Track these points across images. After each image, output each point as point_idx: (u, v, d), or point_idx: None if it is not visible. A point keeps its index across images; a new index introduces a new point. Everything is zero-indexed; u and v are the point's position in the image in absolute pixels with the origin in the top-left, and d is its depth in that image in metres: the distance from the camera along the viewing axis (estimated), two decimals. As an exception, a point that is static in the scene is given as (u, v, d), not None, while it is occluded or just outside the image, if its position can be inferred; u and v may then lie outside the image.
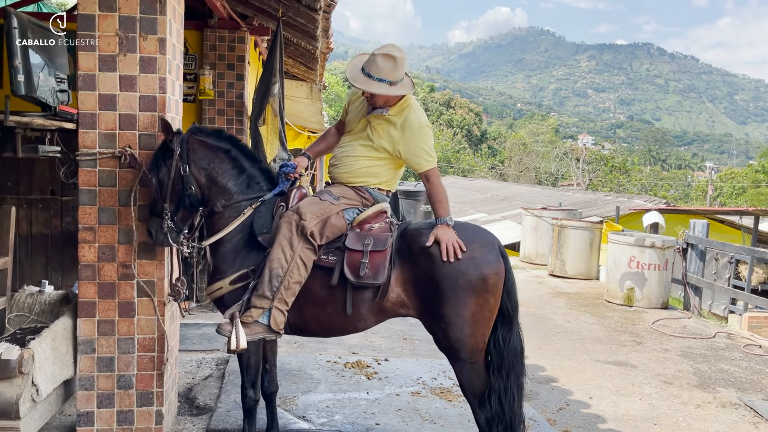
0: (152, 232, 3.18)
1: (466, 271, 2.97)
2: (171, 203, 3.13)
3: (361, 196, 3.26)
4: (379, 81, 3.08)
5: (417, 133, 3.16)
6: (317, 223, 3.04)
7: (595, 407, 4.55)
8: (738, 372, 5.65)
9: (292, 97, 9.12)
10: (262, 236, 3.14)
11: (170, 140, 3.13)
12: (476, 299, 2.98)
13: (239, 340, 2.97)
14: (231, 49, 6.58)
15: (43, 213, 6.22)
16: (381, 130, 3.20)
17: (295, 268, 3.00)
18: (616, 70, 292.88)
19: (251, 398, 3.30)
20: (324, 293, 3.11)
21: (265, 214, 3.19)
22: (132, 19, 3.27)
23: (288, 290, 3.01)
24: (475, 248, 3.02)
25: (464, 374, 3.08)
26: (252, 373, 3.28)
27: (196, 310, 6.29)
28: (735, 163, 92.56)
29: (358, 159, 3.25)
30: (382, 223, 3.20)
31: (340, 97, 42.22)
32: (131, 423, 3.48)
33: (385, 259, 3.03)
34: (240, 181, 3.23)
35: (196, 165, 3.15)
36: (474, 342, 3.03)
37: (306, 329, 3.24)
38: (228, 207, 3.20)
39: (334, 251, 3.11)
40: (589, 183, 44.38)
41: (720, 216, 14.80)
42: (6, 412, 3.02)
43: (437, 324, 3.03)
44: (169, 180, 3.10)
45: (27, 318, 4.05)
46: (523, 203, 18.87)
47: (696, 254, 8.58)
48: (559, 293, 9.10)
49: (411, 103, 3.22)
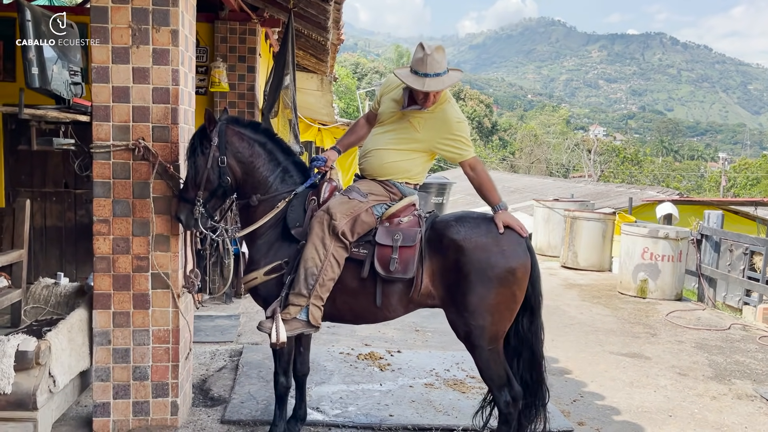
0: (181, 217, 3.25)
1: (495, 264, 3.06)
2: (205, 191, 3.20)
3: (389, 191, 3.31)
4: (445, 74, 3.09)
5: (456, 126, 3.22)
6: (348, 222, 3.12)
7: (609, 399, 4.53)
8: (753, 364, 5.60)
9: (302, 89, 9.10)
10: (295, 230, 3.22)
11: (211, 129, 3.17)
12: (503, 290, 3.07)
13: (279, 335, 3.08)
14: (242, 41, 6.58)
15: (57, 206, 6.27)
16: (418, 124, 3.24)
17: (328, 266, 3.10)
18: (628, 60, 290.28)
19: (283, 385, 3.38)
20: (355, 285, 3.21)
21: (298, 208, 3.27)
22: (145, 10, 3.27)
23: (323, 287, 3.11)
24: (504, 241, 3.10)
25: (483, 360, 3.16)
26: (285, 360, 3.36)
27: (210, 302, 6.31)
28: (749, 153, 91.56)
29: (390, 152, 3.28)
30: (410, 216, 3.26)
31: (350, 89, 42.14)
32: (147, 414, 3.51)
33: (414, 254, 3.12)
34: (275, 175, 3.31)
35: (233, 156, 3.22)
36: (494, 330, 3.12)
37: (339, 317, 3.36)
38: (263, 201, 3.28)
39: (365, 244, 3.20)
40: (601, 174, 44.05)
41: (734, 207, 14.67)
42: (23, 402, 3.05)
43: (460, 313, 3.12)
44: (206, 169, 3.17)
45: (43, 310, 4.09)
46: (534, 195, 18.79)
47: (710, 245, 8.49)
48: (571, 285, 9.06)
49: (448, 98, 3.28)
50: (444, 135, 3.23)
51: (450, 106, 3.25)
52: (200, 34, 6.49)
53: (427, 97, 3.13)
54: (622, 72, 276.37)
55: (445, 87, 3.12)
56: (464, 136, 3.25)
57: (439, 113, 3.22)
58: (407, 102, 3.24)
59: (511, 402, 3.18)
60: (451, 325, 3.23)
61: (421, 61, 3.06)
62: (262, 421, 3.69)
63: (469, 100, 64.86)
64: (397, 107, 3.30)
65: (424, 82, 3.06)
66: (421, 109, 3.20)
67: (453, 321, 3.20)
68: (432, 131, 3.23)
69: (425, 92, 3.10)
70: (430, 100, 3.16)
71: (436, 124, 3.22)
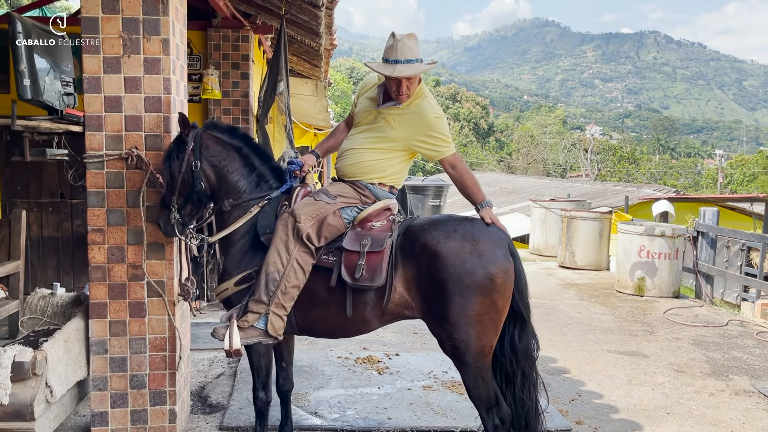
0: (160, 223, 3.20)
1: (472, 270, 2.84)
2: (180, 196, 3.13)
3: (360, 193, 3.16)
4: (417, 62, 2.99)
5: (433, 121, 3.09)
6: (313, 225, 2.97)
7: (608, 397, 4.54)
8: (751, 359, 5.61)
9: (297, 94, 9.12)
10: (265, 236, 3.08)
11: (186, 134, 3.11)
12: (482, 299, 2.85)
13: (233, 341, 2.93)
14: (235, 48, 6.60)
15: (53, 216, 6.26)
16: (393, 121, 3.11)
17: (291, 272, 2.93)
18: (623, 59, 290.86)
19: (262, 400, 3.29)
20: (325, 294, 3.03)
21: (270, 214, 3.14)
22: (135, 20, 3.28)
23: (285, 295, 2.94)
24: (482, 245, 2.89)
25: (470, 378, 2.97)
26: (263, 374, 3.27)
27: (207, 309, 6.31)
28: (745, 149, 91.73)
29: (365, 152, 3.16)
30: (384, 221, 3.10)
31: (345, 93, 42.16)
32: (145, 422, 3.51)
33: (382, 260, 2.92)
34: (249, 180, 3.20)
35: (207, 161, 3.13)
36: (480, 345, 2.91)
37: (313, 330, 3.20)
38: (236, 206, 3.17)
39: (334, 251, 3.02)
40: (598, 173, 44.11)
41: (731, 203, 14.71)
42: (21, 413, 3.05)
43: (442, 326, 2.92)
44: (180, 174, 3.09)
45: (40, 320, 4.09)
46: (531, 195, 18.81)
47: (707, 242, 8.51)
48: (569, 284, 9.07)
49: (424, 93, 3.15)
50: (421, 132, 3.09)
51: (426, 102, 3.12)
52: (193, 42, 6.51)
53: (399, 87, 3.01)
54: (618, 71, 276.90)
55: (416, 73, 2.98)
56: (442, 132, 3.11)
57: (414, 109, 3.09)
58: (382, 99, 3.15)
59: (499, 425, 2.98)
60: (437, 340, 3.02)
61: (391, 48, 2.98)
62: (261, 427, 3.69)
63: (465, 102, 64.96)
64: (372, 105, 3.19)
65: (395, 68, 2.95)
66: (396, 104, 3.10)
67: (437, 335, 2.99)
68: (408, 128, 3.09)
69: (398, 83, 2.99)
70: (404, 92, 3.03)
71: (412, 121, 3.09)
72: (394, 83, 3.02)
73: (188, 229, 3.23)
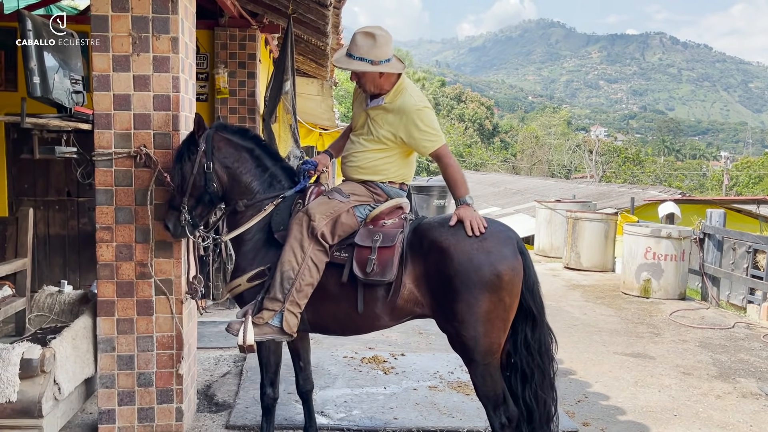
0: (169, 225, 3.20)
1: (479, 267, 2.84)
2: (191, 198, 3.14)
3: (372, 191, 3.19)
4: (359, 60, 3.02)
5: (415, 115, 3.05)
6: (327, 223, 3.00)
7: (614, 399, 4.52)
8: (758, 362, 5.59)
9: (303, 94, 9.13)
10: (279, 233, 3.11)
11: (199, 135, 3.12)
12: (490, 296, 2.85)
13: (246, 336, 2.95)
14: (242, 48, 6.61)
15: (60, 214, 6.29)
16: (379, 120, 3.13)
17: (306, 270, 2.96)
18: (628, 60, 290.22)
19: (270, 396, 3.30)
20: (337, 290, 3.06)
21: (284, 211, 3.17)
22: (145, 18, 3.28)
23: (300, 292, 2.98)
24: (490, 242, 2.89)
25: (478, 376, 2.98)
26: (272, 371, 3.27)
27: (213, 308, 6.32)
28: (751, 151, 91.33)
29: (364, 153, 3.18)
30: (395, 219, 3.13)
31: (350, 93, 42.14)
32: (152, 420, 3.51)
33: (393, 255, 2.95)
34: (262, 180, 3.22)
35: (219, 162, 3.14)
36: (488, 342, 2.91)
37: (324, 327, 3.22)
38: (250, 206, 3.19)
39: (346, 248, 3.05)
40: (603, 175, 44.01)
41: (737, 205, 14.65)
42: (29, 410, 3.06)
43: (450, 322, 2.94)
44: (192, 175, 3.10)
45: (47, 318, 4.10)
46: (536, 196, 18.76)
47: (713, 244, 8.48)
48: (574, 286, 9.05)
49: (405, 86, 3.13)
50: (406, 126, 3.07)
51: (407, 95, 3.09)
52: (200, 41, 6.52)
53: (358, 81, 3.10)
54: (623, 72, 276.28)
55: (360, 70, 3.04)
56: (429, 125, 3.06)
57: (396, 105, 3.08)
58: (369, 100, 3.18)
59: (506, 424, 2.98)
60: (447, 337, 3.04)
61: (350, 42, 3.05)
62: (267, 426, 3.70)
63: (469, 102, 64.91)
64: (362, 107, 3.23)
65: (348, 61, 3.04)
66: (380, 103, 3.11)
67: (446, 332, 3.01)
68: (393, 125, 3.09)
69: (356, 77, 3.08)
70: (367, 88, 3.09)
71: (396, 117, 3.08)
72: (354, 77, 3.13)
73: (198, 230, 3.24)
